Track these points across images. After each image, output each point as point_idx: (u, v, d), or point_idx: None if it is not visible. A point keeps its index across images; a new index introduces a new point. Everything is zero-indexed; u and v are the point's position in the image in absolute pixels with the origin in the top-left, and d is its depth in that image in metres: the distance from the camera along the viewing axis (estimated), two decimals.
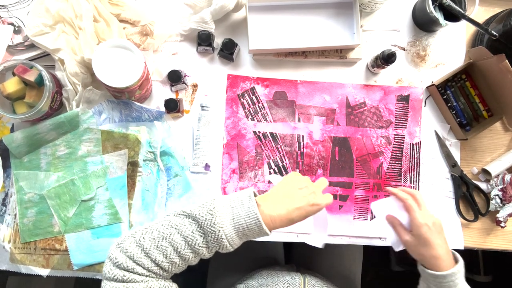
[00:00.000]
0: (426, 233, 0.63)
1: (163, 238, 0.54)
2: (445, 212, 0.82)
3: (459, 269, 0.62)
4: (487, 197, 0.82)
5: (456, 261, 0.64)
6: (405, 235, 0.66)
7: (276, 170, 0.81)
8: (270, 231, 0.56)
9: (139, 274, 0.53)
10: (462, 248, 0.82)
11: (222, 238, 0.53)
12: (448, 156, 0.82)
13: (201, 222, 0.53)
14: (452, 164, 0.82)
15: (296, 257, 1.05)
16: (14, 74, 0.71)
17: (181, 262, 0.54)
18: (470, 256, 1.55)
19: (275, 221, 0.56)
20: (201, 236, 0.54)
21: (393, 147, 0.83)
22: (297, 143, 0.82)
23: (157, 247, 0.53)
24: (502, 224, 0.79)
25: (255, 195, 0.58)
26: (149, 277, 0.54)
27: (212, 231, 0.53)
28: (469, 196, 0.82)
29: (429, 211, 0.66)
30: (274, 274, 0.78)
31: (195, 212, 0.54)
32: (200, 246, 0.54)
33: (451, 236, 0.82)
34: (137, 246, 0.53)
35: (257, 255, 0.97)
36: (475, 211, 0.82)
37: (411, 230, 0.66)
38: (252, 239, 0.57)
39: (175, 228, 0.54)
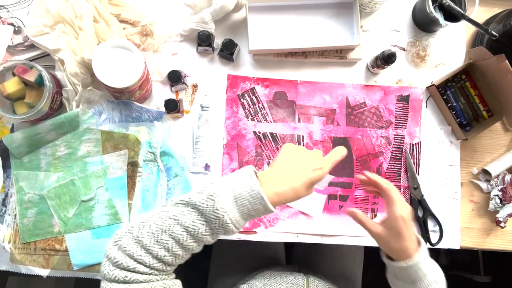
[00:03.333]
0: (400, 226, 0.59)
1: (162, 231, 0.50)
2: (445, 212, 0.82)
3: (422, 256, 0.60)
4: (441, 227, 0.81)
5: (419, 244, 0.62)
6: (375, 227, 0.62)
7: None
8: (275, 208, 0.53)
9: (141, 273, 0.51)
10: (458, 248, 0.82)
11: (228, 223, 0.50)
12: (412, 178, 0.82)
13: (202, 209, 0.50)
14: (414, 186, 0.82)
15: (297, 257, 1.05)
16: (14, 74, 0.71)
17: (184, 253, 0.52)
18: (470, 256, 1.55)
19: (281, 197, 0.53)
20: (203, 224, 0.50)
21: (393, 147, 0.83)
22: (297, 143, 0.82)
23: (157, 241, 0.50)
24: (502, 224, 0.79)
25: (255, 173, 0.54)
26: (152, 274, 0.51)
27: (215, 217, 0.50)
28: (422, 222, 0.81)
29: (405, 202, 0.62)
30: (277, 275, 0.78)
31: (194, 199, 0.51)
32: (203, 235, 0.51)
33: (449, 236, 0.82)
34: (136, 243, 0.51)
35: (258, 255, 0.98)
36: (425, 238, 0.80)
37: (383, 222, 0.62)
38: (257, 217, 0.54)
39: (174, 219, 0.51)
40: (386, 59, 0.77)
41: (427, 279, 0.60)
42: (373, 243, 0.72)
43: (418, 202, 0.81)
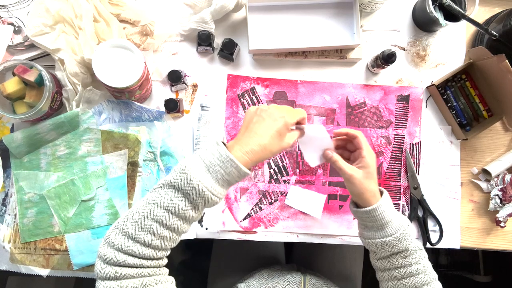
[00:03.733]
0: (372, 166, 0.64)
1: (144, 217, 0.51)
2: (445, 212, 0.82)
3: (386, 201, 0.63)
4: (441, 227, 0.81)
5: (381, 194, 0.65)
6: (349, 168, 0.64)
7: (276, 170, 0.81)
8: (250, 170, 0.55)
9: (132, 266, 0.51)
10: (458, 248, 0.82)
11: (204, 191, 0.51)
12: (412, 177, 0.82)
13: (177, 185, 0.51)
14: (414, 186, 0.82)
15: (297, 257, 1.05)
16: (14, 74, 0.71)
17: (171, 234, 0.52)
18: (470, 256, 1.55)
19: (251, 155, 0.54)
20: (181, 200, 0.51)
21: (393, 147, 0.83)
22: (297, 143, 0.82)
23: (141, 228, 0.51)
24: (502, 224, 0.79)
25: (222, 142, 0.56)
26: (143, 267, 0.51)
27: (191, 188, 0.51)
28: (422, 221, 0.81)
29: (371, 149, 0.66)
30: (275, 273, 0.78)
31: (167, 179, 0.52)
32: (184, 210, 0.51)
33: (449, 236, 0.82)
34: (122, 235, 0.51)
35: (258, 255, 0.98)
36: (424, 238, 0.81)
37: (355, 164, 0.65)
38: (235, 183, 0.55)
39: (153, 203, 0.52)
40: (386, 59, 0.77)
41: (394, 222, 0.62)
42: None
43: (418, 202, 0.81)
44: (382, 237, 0.62)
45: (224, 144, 0.55)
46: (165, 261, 0.56)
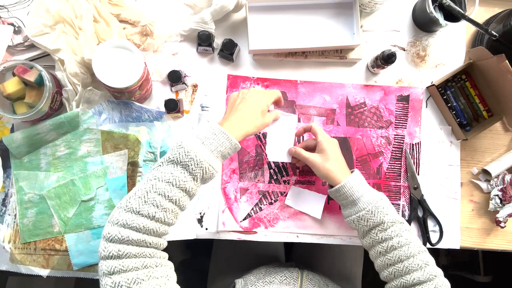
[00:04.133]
0: (329, 147, 0.70)
1: (147, 192, 0.55)
2: (445, 212, 0.82)
3: (354, 177, 0.67)
4: (441, 227, 0.81)
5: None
6: (310, 155, 0.71)
7: (276, 170, 0.81)
8: (239, 141, 0.62)
9: (134, 243, 0.53)
10: (458, 248, 0.82)
11: (201, 161, 0.56)
12: (412, 177, 0.82)
13: (175, 159, 0.56)
14: (414, 186, 0.82)
15: (297, 257, 1.05)
16: (14, 74, 0.71)
17: (173, 207, 0.56)
18: (470, 256, 1.55)
19: (240, 130, 0.62)
20: (181, 172, 0.56)
21: (393, 147, 0.83)
22: (297, 143, 0.82)
23: (145, 202, 0.54)
24: (502, 224, 0.79)
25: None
26: (144, 245, 0.54)
27: (189, 159, 0.55)
28: (422, 221, 0.81)
29: (326, 133, 0.74)
30: (272, 270, 0.79)
31: (165, 157, 0.57)
32: (184, 181, 0.55)
33: (449, 236, 0.82)
34: (127, 212, 0.54)
35: (258, 255, 0.98)
36: (424, 238, 0.81)
37: (316, 150, 0.72)
38: (228, 156, 0.61)
39: (154, 179, 0.55)
40: (386, 59, 0.77)
41: (365, 197, 0.66)
42: None
43: (418, 202, 0.81)
44: (356, 212, 0.66)
45: None
46: (165, 243, 0.58)
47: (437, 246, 0.81)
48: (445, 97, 0.83)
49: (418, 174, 0.83)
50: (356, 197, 0.66)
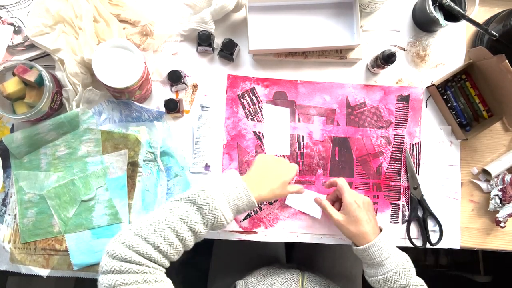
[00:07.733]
0: (355, 210, 0.68)
1: (159, 222, 0.56)
2: (445, 212, 0.82)
3: (381, 240, 0.67)
4: (441, 227, 0.81)
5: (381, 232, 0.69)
6: (335, 214, 0.71)
7: None
8: (257, 203, 0.63)
9: (136, 263, 0.54)
10: (458, 248, 0.82)
11: (216, 209, 0.58)
12: (412, 177, 0.82)
13: (194, 200, 0.58)
14: (414, 186, 0.82)
15: (297, 257, 1.05)
16: (14, 74, 0.71)
17: (178, 243, 0.57)
18: (470, 256, 1.55)
19: (260, 193, 0.64)
20: (195, 213, 0.58)
21: (393, 147, 0.83)
22: (297, 143, 0.82)
23: (154, 231, 0.56)
24: (502, 224, 0.79)
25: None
26: (146, 266, 0.54)
27: (206, 204, 0.58)
28: (422, 221, 0.81)
29: (356, 192, 0.73)
30: (273, 271, 0.79)
31: (185, 194, 0.59)
32: (195, 222, 0.57)
33: (449, 236, 0.82)
34: (135, 235, 0.55)
35: (258, 255, 0.98)
36: (424, 238, 0.81)
37: (341, 210, 0.72)
38: (242, 212, 0.63)
39: (169, 212, 0.57)
40: (386, 59, 0.77)
41: (393, 258, 0.66)
42: None
43: (418, 202, 0.81)
44: (383, 273, 0.65)
45: None
46: (168, 264, 0.59)
47: (437, 246, 0.81)
48: (445, 97, 0.83)
49: (418, 174, 0.83)
50: (383, 257, 0.66)
